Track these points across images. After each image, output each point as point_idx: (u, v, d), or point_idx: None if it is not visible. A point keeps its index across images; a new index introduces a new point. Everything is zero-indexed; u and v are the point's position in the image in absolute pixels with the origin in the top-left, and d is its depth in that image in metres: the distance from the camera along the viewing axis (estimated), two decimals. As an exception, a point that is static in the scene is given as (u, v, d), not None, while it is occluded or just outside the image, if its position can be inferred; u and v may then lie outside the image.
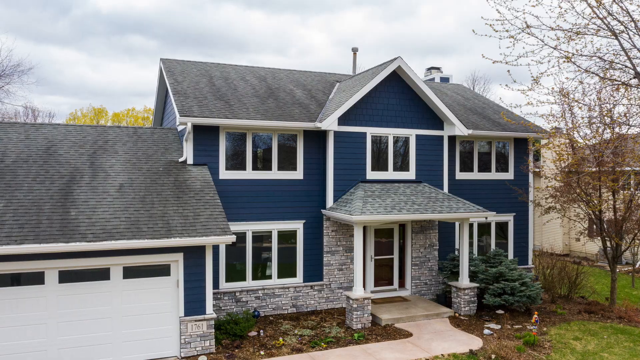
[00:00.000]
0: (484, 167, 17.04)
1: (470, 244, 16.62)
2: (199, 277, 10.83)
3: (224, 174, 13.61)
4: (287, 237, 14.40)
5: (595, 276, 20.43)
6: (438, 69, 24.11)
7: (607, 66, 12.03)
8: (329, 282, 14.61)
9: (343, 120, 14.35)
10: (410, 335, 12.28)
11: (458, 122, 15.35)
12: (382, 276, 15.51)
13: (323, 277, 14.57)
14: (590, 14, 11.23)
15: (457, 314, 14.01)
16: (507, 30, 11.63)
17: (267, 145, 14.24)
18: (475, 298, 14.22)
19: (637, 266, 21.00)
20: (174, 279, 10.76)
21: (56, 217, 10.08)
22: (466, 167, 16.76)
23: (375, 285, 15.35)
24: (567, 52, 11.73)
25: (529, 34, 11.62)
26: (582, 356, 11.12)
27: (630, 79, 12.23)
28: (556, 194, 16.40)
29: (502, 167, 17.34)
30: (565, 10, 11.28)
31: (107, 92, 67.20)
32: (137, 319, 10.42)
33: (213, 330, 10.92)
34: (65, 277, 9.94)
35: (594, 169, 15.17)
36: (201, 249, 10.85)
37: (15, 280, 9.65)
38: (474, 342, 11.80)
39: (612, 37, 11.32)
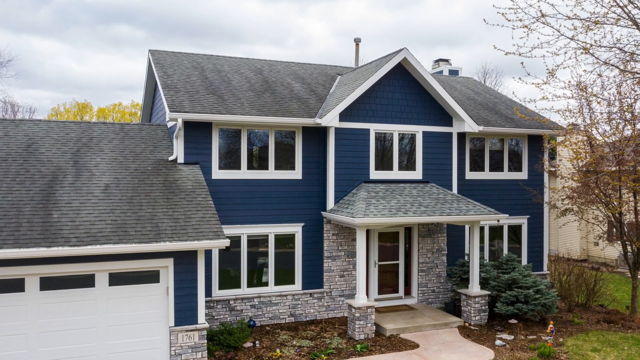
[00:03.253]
0: (496, 166, 17.05)
1: (481, 249, 16.62)
2: (190, 284, 10.83)
3: (217, 173, 13.61)
4: (284, 241, 14.40)
5: (615, 283, 20.43)
6: (446, 61, 24.12)
7: (627, 58, 12.02)
8: (330, 289, 14.61)
9: (345, 116, 14.35)
10: (417, 346, 12.28)
11: (468, 117, 15.36)
12: (387, 283, 15.51)
13: (323, 284, 14.57)
14: (609, 2, 11.22)
15: (467, 324, 14.01)
16: (520, 20, 11.61)
17: (264, 142, 14.24)
18: (487, 306, 14.22)
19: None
20: (164, 286, 10.76)
21: (37, 220, 10.07)
22: (477, 166, 16.76)
23: (379, 293, 15.36)
24: (585, 42, 11.72)
25: (544, 23, 11.60)
26: (601, 369, 11.13)
27: (653, 71, 12.21)
28: (573, 195, 16.39)
29: (515, 166, 17.35)
30: (583, -2, 11.26)
31: (91, 85, 67.27)
32: (123, 328, 10.42)
33: (205, 341, 10.92)
34: (47, 284, 9.93)
35: (613, 168, 15.16)
36: (193, 254, 10.84)
37: (-7, 287, 9.65)
38: (485, 354, 11.81)
39: (634, 26, 11.32)
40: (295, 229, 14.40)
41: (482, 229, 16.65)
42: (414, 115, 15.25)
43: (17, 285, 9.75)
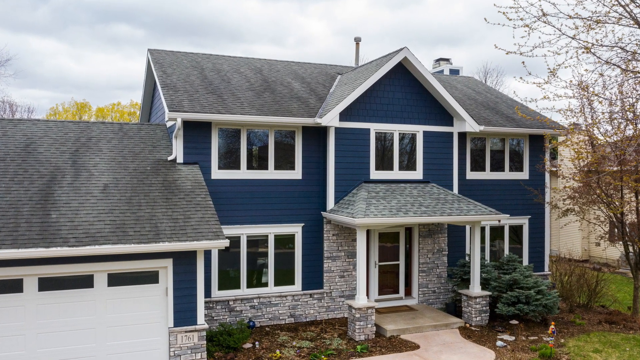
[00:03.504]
0: (497, 166, 17.06)
1: (482, 249, 16.63)
2: (189, 285, 10.83)
3: (217, 173, 13.62)
4: (284, 242, 14.41)
5: (617, 284, 20.44)
6: (447, 60, 24.13)
7: (629, 57, 12.03)
8: (330, 290, 14.61)
9: (345, 115, 14.36)
10: (417, 347, 12.29)
11: (469, 117, 15.36)
12: (387, 284, 15.52)
13: (323, 284, 14.57)
14: (611, 1, 11.24)
15: (467, 325, 14.02)
16: (521, 19, 11.63)
17: (263, 142, 14.25)
18: (488, 307, 14.23)
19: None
20: (163, 286, 10.77)
21: (36, 220, 10.08)
22: (477, 166, 16.77)
23: (379, 294, 15.36)
24: (586, 42, 11.74)
25: (545, 22, 11.62)
26: (603, 370, 11.14)
27: (655, 71, 12.22)
28: (574, 195, 16.40)
29: (516, 166, 17.35)
30: (584, -3, 11.27)
31: (90, 85, 67.27)
32: (122, 329, 10.42)
33: (205, 342, 10.92)
34: (46, 284, 9.94)
35: (615, 168, 15.18)
36: (192, 255, 10.85)
37: (-8, 288, 9.65)
38: (486, 355, 11.81)
39: (635, 26, 11.34)
40: (295, 229, 14.40)
41: (483, 229, 16.65)
42: (414, 115, 15.26)
43: (15, 286, 9.76)
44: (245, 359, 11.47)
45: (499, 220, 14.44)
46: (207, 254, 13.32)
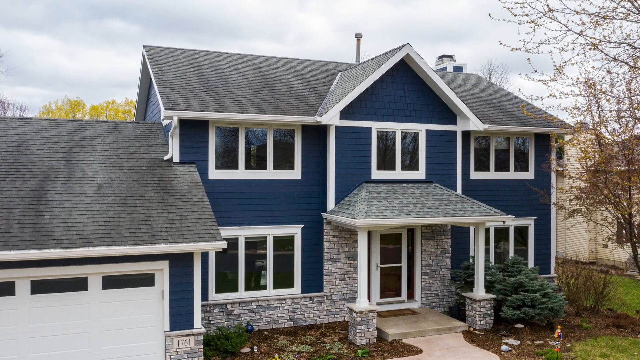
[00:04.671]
0: (502, 165, 17.05)
1: (486, 251, 16.62)
2: (186, 288, 10.83)
3: (214, 173, 13.61)
4: (283, 243, 14.40)
5: (625, 286, 20.42)
6: (450, 57, 24.13)
7: (637, 54, 12.05)
8: (330, 292, 14.61)
9: (345, 113, 14.35)
10: (420, 351, 12.28)
11: (473, 116, 15.36)
12: (389, 286, 15.51)
13: (323, 287, 14.57)
14: (619, -4, 11.24)
15: (471, 328, 14.01)
16: (527, 15, 11.65)
17: (262, 141, 14.24)
18: (492, 310, 14.23)
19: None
20: (159, 289, 10.76)
21: (28, 221, 10.07)
22: (482, 165, 16.76)
23: (381, 297, 15.36)
24: (594, 38, 11.76)
25: (551, 18, 11.64)
26: (610, 375, 11.12)
27: (664, 68, 12.22)
28: (581, 196, 16.39)
29: (522, 165, 17.35)
30: (591, -8, 11.28)
31: (84, 82, 67.29)
32: (117, 333, 10.41)
33: (202, 347, 10.92)
34: (38, 287, 9.93)
35: (623, 168, 15.17)
36: (188, 257, 10.85)
37: (-17, 291, 9.65)
38: (491, 360, 11.81)
39: (644, 21, 11.34)
40: (295, 231, 14.40)
41: (487, 230, 16.64)
42: (417, 113, 15.25)
43: (7, 289, 9.75)
44: (243, 363, 11.46)
45: (504, 222, 14.44)
46: (204, 256, 13.31)
